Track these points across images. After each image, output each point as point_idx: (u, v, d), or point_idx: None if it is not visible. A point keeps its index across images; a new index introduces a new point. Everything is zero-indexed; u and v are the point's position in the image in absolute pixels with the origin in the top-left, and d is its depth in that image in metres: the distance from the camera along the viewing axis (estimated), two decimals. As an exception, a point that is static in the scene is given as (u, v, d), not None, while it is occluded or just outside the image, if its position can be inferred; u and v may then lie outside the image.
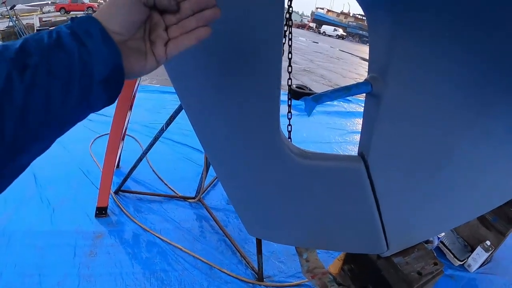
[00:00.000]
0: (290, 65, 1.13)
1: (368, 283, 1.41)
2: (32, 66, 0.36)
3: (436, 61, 0.82)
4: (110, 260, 1.99)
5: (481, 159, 1.04)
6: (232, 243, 2.27)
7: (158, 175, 2.95)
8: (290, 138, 1.16)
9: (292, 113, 1.18)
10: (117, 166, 2.90)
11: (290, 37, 1.12)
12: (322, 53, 16.39)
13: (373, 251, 1.29)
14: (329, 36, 33.95)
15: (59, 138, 0.43)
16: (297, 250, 1.41)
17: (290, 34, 1.12)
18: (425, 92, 0.88)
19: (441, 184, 1.08)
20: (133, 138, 3.50)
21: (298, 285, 2.04)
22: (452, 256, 2.39)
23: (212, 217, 2.49)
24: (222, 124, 0.97)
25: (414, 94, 0.88)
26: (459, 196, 1.16)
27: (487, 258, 2.29)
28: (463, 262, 2.37)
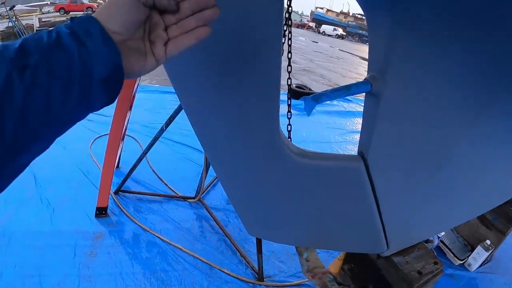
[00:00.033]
0: (289, 64, 1.13)
1: (368, 283, 1.41)
2: (32, 66, 0.36)
3: (435, 60, 0.82)
4: (110, 260, 1.99)
5: (481, 158, 1.04)
6: (232, 243, 2.27)
7: (158, 175, 2.95)
8: (290, 137, 1.16)
9: (292, 112, 1.18)
10: (117, 166, 2.90)
11: (289, 36, 1.13)
12: (321, 52, 16.39)
13: (373, 251, 1.29)
14: (328, 35, 33.93)
15: (59, 138, 0.43)
16: (297, 249, 1.41)
17: (289, 33, 1.12)
18: (424, 91, 0.88)
19: (441, 183, 1.08)
20: (133, 138, 3.50)
21: (298, 284, 2.04)
22: (452, 255, 2.39)
23: (212, 217, 2.49)
24: (221, 124, 0.97)
25: (413, 93, 0.88)
26: (459, 195, 1.16)
27: (487, 257, 2.29)
28: (463, 261, 2.37)
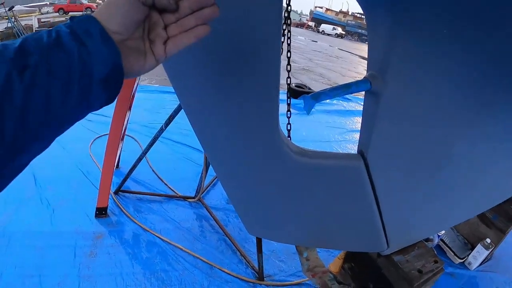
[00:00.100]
0: (289, 63, 1.13)
1: (368, 282, 1.41)
2: (31, 66, 0.36)
3: (435, 59, 0.82)
4: (110, 260, 1.99)
5: (480, 157, 1.04)
6: (232, 243, 2.27)
7: (157, 175, 2.95)
8: (290, 137, 1.16)
9: (291, 112, 1.18)
10: (116, 166, 2.90)
11: (289, 35, 1.13)
12: (321, 52, 16.38)
13: (373, 250, 1.29)
14: (328, 35, 33.92)
15: (58, 138, 0.43)
16: (297, 249, 1.41)
17: (289, 32, 1.12)
18: (424, 90, 0.88)
19: (441, 181, 1.08)
20: (132, 138, 3.50)
21: (298, 284, 2.04)
22: (452, 254, 2.40)
23: (212, 216, 2.49)
24: (221, 123, 0.97)
25: (413, 92, 0.88)
26: (459, 194, 1.16)
27: (488, 256, 2.30)
28: (464, 260, 2.37)
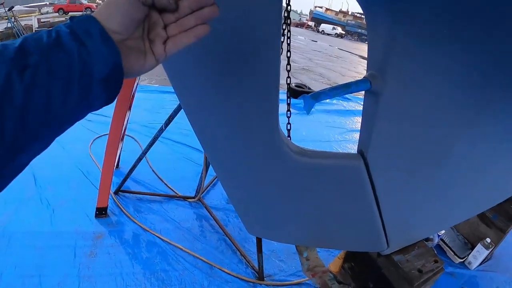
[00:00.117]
0: (289, 63, 1.13)
1: (368, 281, 1.41)
2: (31, 66, 0.36)
3: (435, 59, 0.82)
4: (110, 260, 1.99)
5: (480, 157, 1.04)
6: (232, 242, 2.27)
7: (157, 175, 2.95)
8: (290, 136, 1.15)
9: (291, 111, 1.18)
10: (116, 166, 2.90)
11: (288, 35, 1.13)
12: (321, 51, 16.38)
13: (373, 249, 1.29)
14: (327, 34, 33.92)
15: (58, 139, 0.43)
16: (297, 248, 1.41)
17: (288, 32, 1.12)
18: (424, 90, 0.88)
19: (441, 181, 1.08)
20: (132, 138, 3.50)
21: (298, 283, 2.04)
22: (452, 253, 2.40)
23: (212, 216, 2.49)
24: (221, 123, 0.97)
25: (413, 92, 0.88)
26: (459, 193, 1.16)
27: (488, 255, 2.30)
28: (464, 259, 2.37)
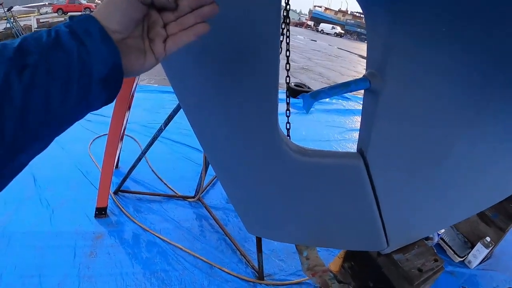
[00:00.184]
0: (288, 63, 1.13)
1: (368, 280, 1.42)
2: (31, 65, 0.36)
3: (434, 58, 0.82)
4: (110, 260, 1.99)
5: (480, 156, 1.04)
6: (232, 242, 2.27)
7: (157, 175, 2.94)
8: (289, 136, 1.15)
9: (290, 111, 1.18)
10: (116, 166, 2.89)
11: (288, 35, 1.13)
12: (320, 51, 16.38)
13: (373, 248, 1.29)
14: (327, 34, 33.92)
15: (58, 139, 0.43)
16: (297, 248, 1.41)
17: (288, 32, 1.12)
18: (423, 89, 0.88)
19: (440, 180, 1.08)
20: (132, 138, 3.50)
21: (298, 283, 2.04)
22: (452, 252, 2.40)
23: (211, 216, 2.49)
24: (220, 123, 0.97)
25: (412, 91, 0.88)
26: (459, 192, 1.16)
27: (487, 254, 2.30)
28: (464, 258, 2.37)
